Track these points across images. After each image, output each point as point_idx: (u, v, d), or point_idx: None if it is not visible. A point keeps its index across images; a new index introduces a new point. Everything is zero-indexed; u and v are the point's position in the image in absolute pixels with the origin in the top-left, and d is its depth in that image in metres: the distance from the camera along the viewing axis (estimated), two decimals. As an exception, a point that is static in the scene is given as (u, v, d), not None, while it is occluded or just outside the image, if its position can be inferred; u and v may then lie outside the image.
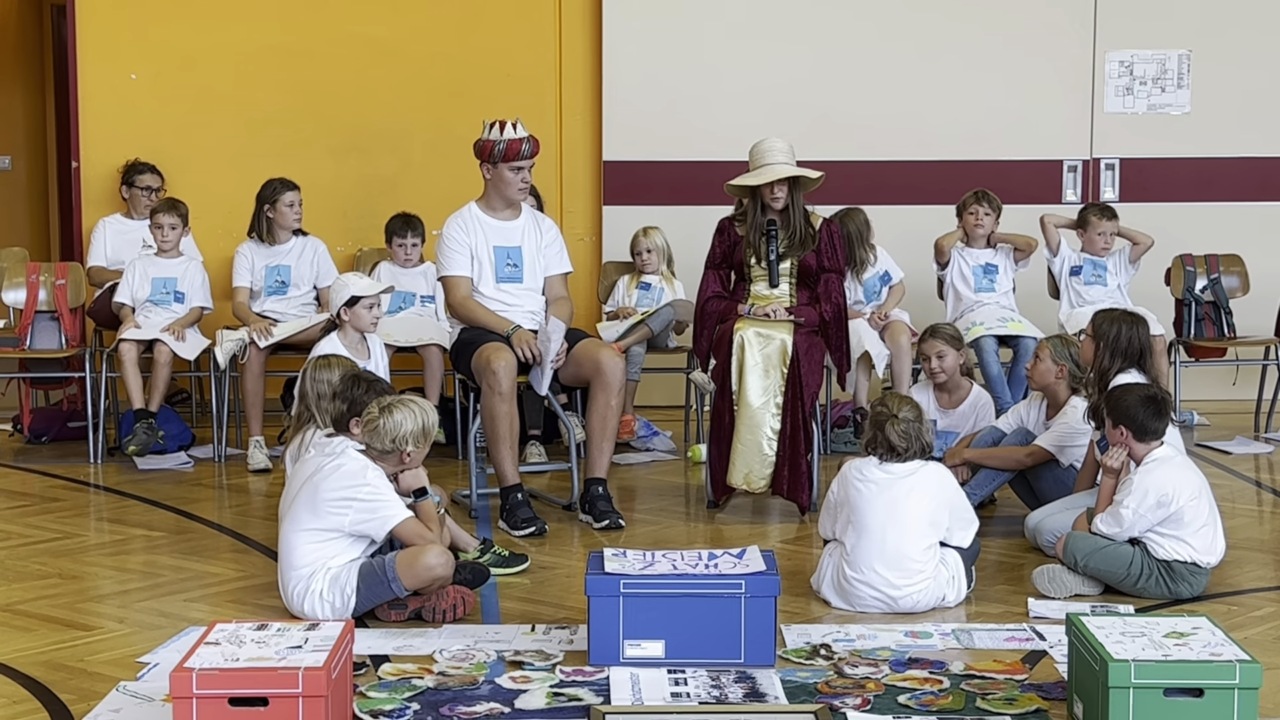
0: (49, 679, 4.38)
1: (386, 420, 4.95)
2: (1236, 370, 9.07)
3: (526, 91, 9.14)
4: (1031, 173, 9.25)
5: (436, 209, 7.57)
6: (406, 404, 5.02)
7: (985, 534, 5.59)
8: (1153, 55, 9.25)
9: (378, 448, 4.96)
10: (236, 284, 8.07)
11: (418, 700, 4.17)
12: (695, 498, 6.93)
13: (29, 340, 8.16)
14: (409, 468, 5.04)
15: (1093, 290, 8.20)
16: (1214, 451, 7.85)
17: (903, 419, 5.12)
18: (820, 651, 4.59)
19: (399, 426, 4.95)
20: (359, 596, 4.87)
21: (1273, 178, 9.32)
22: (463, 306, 6.53)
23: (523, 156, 6.42)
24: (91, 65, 9.13)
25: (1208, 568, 5.24)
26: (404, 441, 4.95)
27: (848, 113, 9.19)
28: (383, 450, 4.96)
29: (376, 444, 4.96)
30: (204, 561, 5.81)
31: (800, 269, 6.56)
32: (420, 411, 5.01)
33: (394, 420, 4.95)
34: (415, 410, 5.00)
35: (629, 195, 9.22)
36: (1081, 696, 3.96)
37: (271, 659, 3.78)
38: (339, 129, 9.21)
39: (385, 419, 4.96)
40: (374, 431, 4.96)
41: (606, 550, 4.72)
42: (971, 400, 6.78)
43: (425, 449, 5.06)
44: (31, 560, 5.81)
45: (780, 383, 6.36)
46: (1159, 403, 5.29)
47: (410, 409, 4.99)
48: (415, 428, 4.97)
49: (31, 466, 7.72)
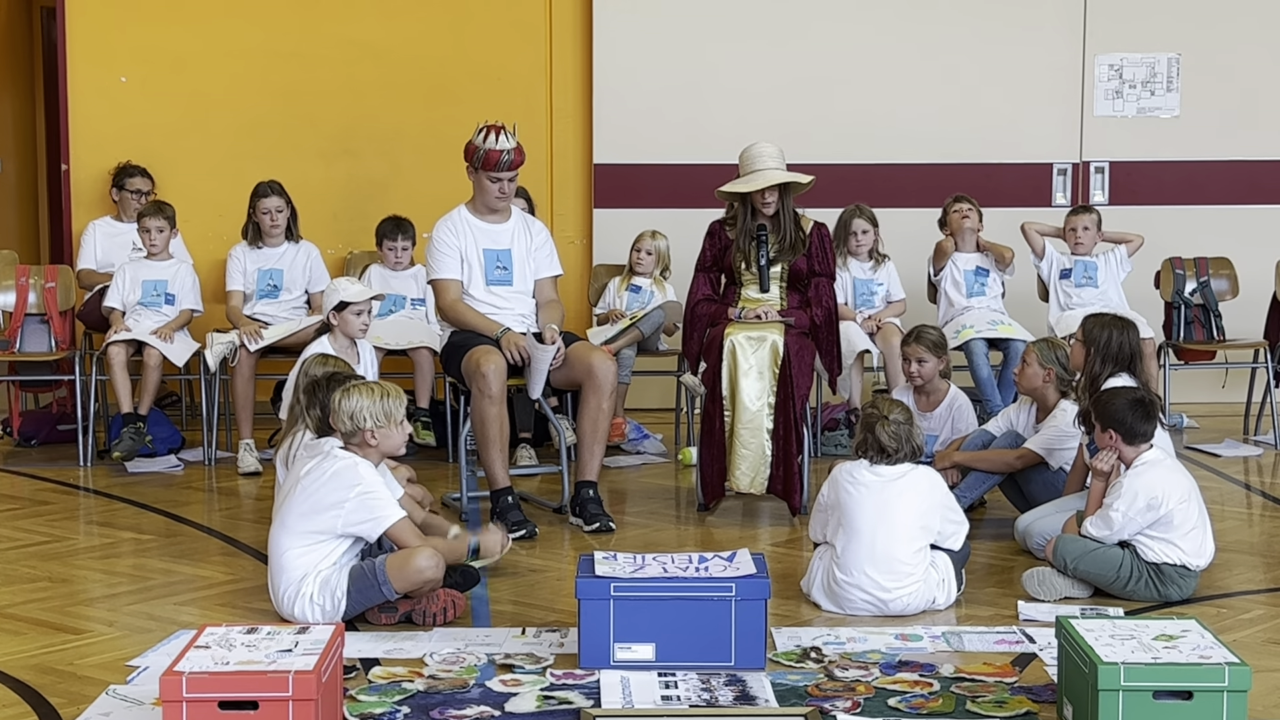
0: (38, 682, 4.37)
1: (344, 401, 4.97)
2: (1226, 373, 9.09)
3: (517, 94, 9.14)
4: (1021, 176, 9.27)
5: (427, 212, 7.57)
6: (366, 385, 5.05)
7: (975, 537, 5.59)
8: (1142, 59, 9.27)
9: (341, 430, 4.97)
10: (230, 288, 8.07)
11: (408, 704, 4.17)
12: (686, 501, 6.93)
13: (18, 343, 8.15)
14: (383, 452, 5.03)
15: (1084, 292, 8.20)
16: (1203, 454, 7.86)
17: (893, 420, 5.13)
18: (810, 654, 4.59)
19: (356, 405, 4.95)
20: (349, 600, 4.86)
21: (1262, 181, 9.34)
22: (453, 309, 6.52)
23: (500, 167, 6.40)
24: (81, 68, 9.12)
25: (1197, 570, 5.24)
26: (362, 419, 4.94)
27: (838, 116, 9.20)
28: (346, 432, 4.96)
29: (340, 426, 4.96)
30: (194, 565, 5.80)
31: (791, 273, 6.56)
32: (379, 391, 5.01)
33: (350, 400, 4.97)
34: (375, 390, 5.01)
35: (619, 198, 9.23)
36: (1071, 699, 3.97)
37: (261, 662, 3.78)
38: (329, 132, 9.21)
39: (343, 399, 4.98)
40: (335, 414, 4.98)
41: (597, 553, 4.72)
42: (948, 402, 6.79)
43: (393, 431, 5.01)
44: (21, 563, 5.80)
45: (773, 384, 6.37)
46: (1148, 405, 5.30)
47: (369, 389, 5.01)
48: (373, 405, 4.96)
49: (21, 469, 7.70)
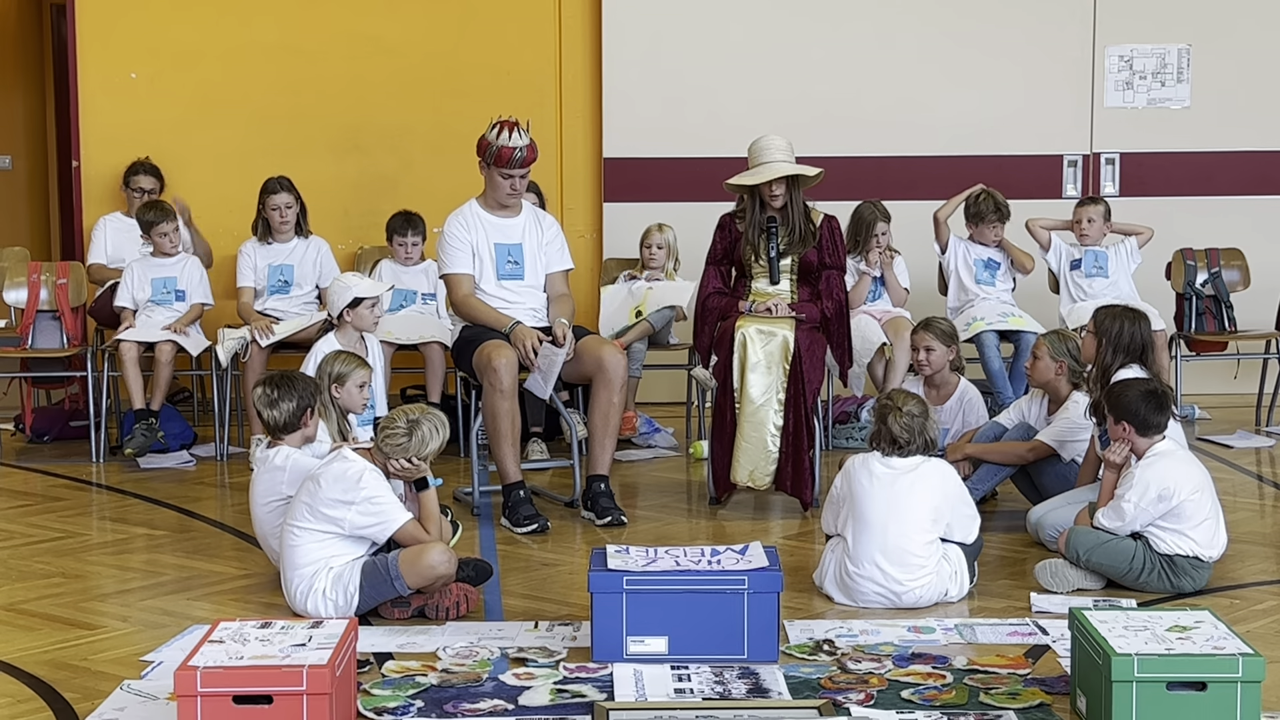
0: (53, 678, 4.39)
1: (416, 433, 4.96)
2: (1238, 364, 9.06)
3: (527, 88, 9.14)
4: (1032, 167, 9.25)
5: (437, 207, 7.57)
6: (431, 418, 5.01)
7: (987, 529, 5.59)
8: (1152, 50, 9.25)
9: (400, 461, 4.96)
10: (241, 284, 8.08)
11: (422, 697, 4.17)
12: (697, 494, 6.93)
13: (30, 340, 8.16)
14: (406, 477, 5.05)
15: (1095, 282, 8.19)
16: (1215, 445, 7.85)
17: (906, 412, 5.13)
18: (823, 647, 4.59)
19: (424, 442, 4.97)
20: (362, 595, 4.87)
21: (1273, 171, 9.31)
22: (464, 304, 6.53)
23: (513, 164, 6.40)
24: (91, 64, 9.13)
25: (1210, 562, 5.24)
26: (429, 457, 4.99)
27: (848, 108, 9.19)
28: (403, 464, 4.96)
29: (399, 455, 4.96)
30: (207, 560, 5.81)
31: (801, 266, 6.56)
32: (444, 428, 5.02)
33: (420, 434, 4.96)
34: (440, 426, 5.01)
35: (629, 192, 9.22)
36: (1085, 691, 3.97)
37: (276, 657, 3.79)
38: (339, 127, 9.20)
39: (415, 433, 4.96)
40: (399, 445, 4.96)
41: (609, 547, 4.72)
42: (958, 395, 6.78)
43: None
44: (34, 560, 5.82)
45: (782, 379, 6.37)
46: (1160, 397, 5.29)
47: (435, 425, 4.99)
48: (438, 444, 4.99)
49: (34, 466, 7.72)
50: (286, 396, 5.31)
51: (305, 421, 5.35)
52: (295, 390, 5.34)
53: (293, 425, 5.33)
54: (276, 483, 5.27)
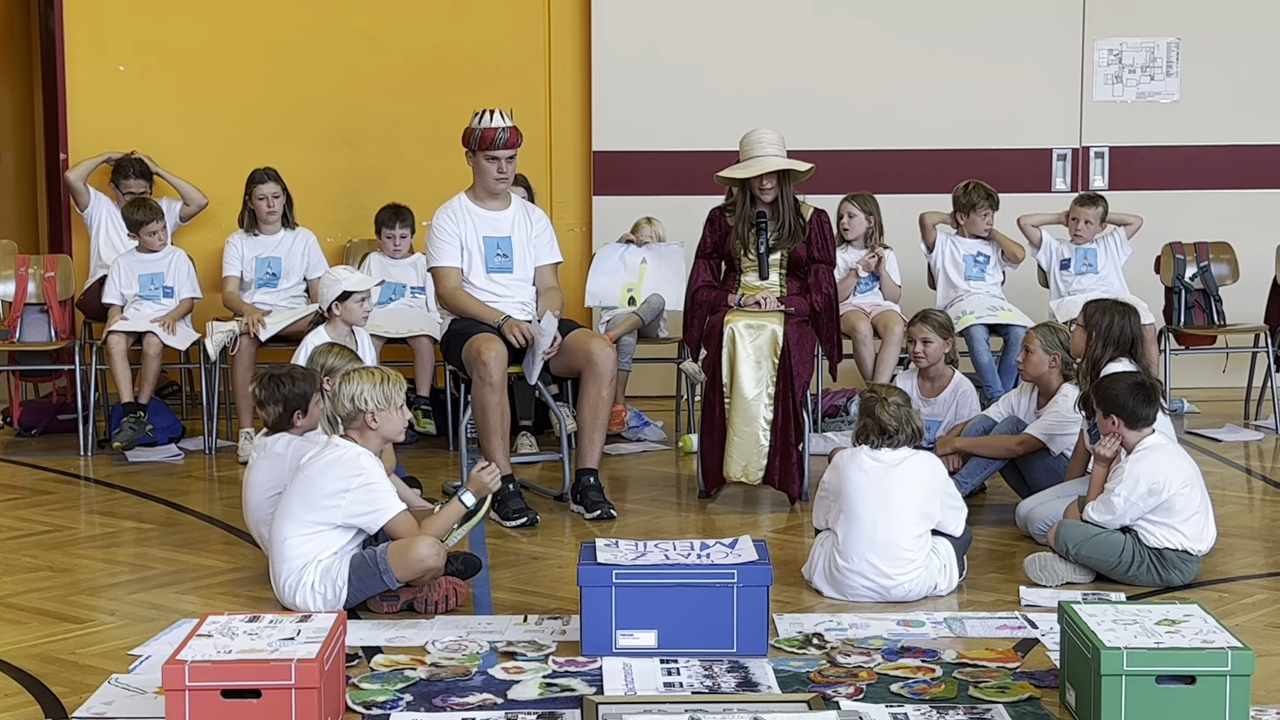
0: (41, 672, 4.38)
1: (345, 385, 4.99)
2: (1226, 358, 9.09)
3: (516, 81, 9.13)
4: (1021, 161, 9.26)
5: (426, 200, 7.57)
6: (367, 370, 5.08)
7: (976, 522, 5.59)
8: (1141, 43, 9.26)
9: (342, 413, 4.97)
10: (227, 273, 8.07)
11: (410, 691, 4.17)
12: (687, 488, 6.93)
13: (18, 333, 8.14)
14: (384, 436, 5.04)
15: (1084, 279, 8.19)
16: (1204, 439, 7.86)
17: (892, 402, 5.13)
18: (812, 641, 4.59)
19: (357, 389, 4.97)
20: (351, 588, 4.86)
21: (1261, 165, 9.33)
22: (452, 297, 6.52)
23: (496, 145, 6.40)
24: (80, 57, 9.11)
25: (1199, 555, 5.24)
26: (363, 402, 4.95)
27: (838, 102, 9.19)
28: (346, 415, 4.96)
29: (341, 410, 4.97)
30: (195, 554, 5.80)
31: (791, 260, 6.55)
32: (379, 375, 5.03)
33: (351, 385, 4.98)
34: (374, 374, 5.03)
35: (619, 185, 9.22)
36: (1074, 684, 3.97)
37: (264, 651, 3.78)
38: (327, 120, 9.19)
39: (344, 384, 5.00)
40: (335, 398, 4.99)
41: (598, 540, 4.72)
42: (952, 388, 6.79)
43: (393, 415, 5.00)
44: (22, 553, 5.80)
45: (772, 373, 6.36)
46: (1149, 390, 5.29)
47: (369, 373, 5.03)
48: (373, 389, 4.97)
49: (21, 459, 7.70)
50: (290, 386, 5.37)
51: (309, 410, 5.38)
52: (297, 380, 5.40)
53: (287, 422, 5.34)
54: (278, 470, 5.27)
